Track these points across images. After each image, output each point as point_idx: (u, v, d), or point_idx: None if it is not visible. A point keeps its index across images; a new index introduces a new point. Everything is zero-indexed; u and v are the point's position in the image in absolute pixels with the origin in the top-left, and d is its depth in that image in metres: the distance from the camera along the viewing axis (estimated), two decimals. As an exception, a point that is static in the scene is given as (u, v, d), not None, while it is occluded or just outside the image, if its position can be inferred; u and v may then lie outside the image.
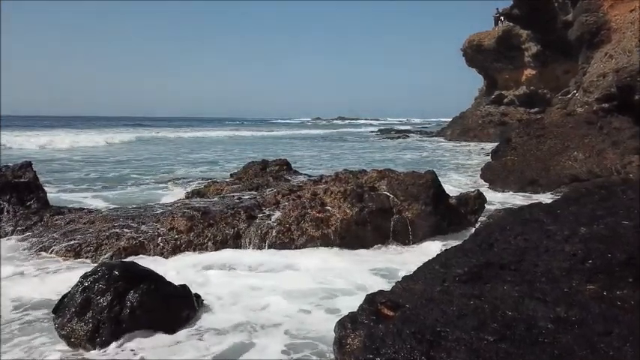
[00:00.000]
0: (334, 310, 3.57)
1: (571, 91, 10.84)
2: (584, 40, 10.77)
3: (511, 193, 9.26)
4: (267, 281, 4.15)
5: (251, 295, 3.88)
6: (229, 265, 4.74)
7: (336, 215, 5.68)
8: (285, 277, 4.29)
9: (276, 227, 5.65)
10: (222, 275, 4.38)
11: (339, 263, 4.68)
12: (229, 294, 3.93)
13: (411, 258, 4.93)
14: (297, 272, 4.41)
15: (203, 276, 4.36)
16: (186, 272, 4.42)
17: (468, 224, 6.27)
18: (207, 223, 5.71)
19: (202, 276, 4.37)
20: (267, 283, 4.11)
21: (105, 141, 26.33)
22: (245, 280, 4.20)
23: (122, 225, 5.96)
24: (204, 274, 4.44)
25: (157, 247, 5.32)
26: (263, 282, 4.13)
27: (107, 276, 3.34)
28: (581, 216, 3.52)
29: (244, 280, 4.20)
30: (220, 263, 4.75)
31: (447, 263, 3.15)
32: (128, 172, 13.39)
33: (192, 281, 4.06)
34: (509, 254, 3.06)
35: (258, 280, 4.21)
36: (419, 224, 5.66)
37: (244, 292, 3.95)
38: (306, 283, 4.10)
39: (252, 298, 3.82)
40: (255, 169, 9.63)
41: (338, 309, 3.55)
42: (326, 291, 3.97)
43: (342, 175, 7.10)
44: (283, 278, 4.23)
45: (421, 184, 5.71)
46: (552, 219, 3.56)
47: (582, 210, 3.70)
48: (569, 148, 9.33)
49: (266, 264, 4.68)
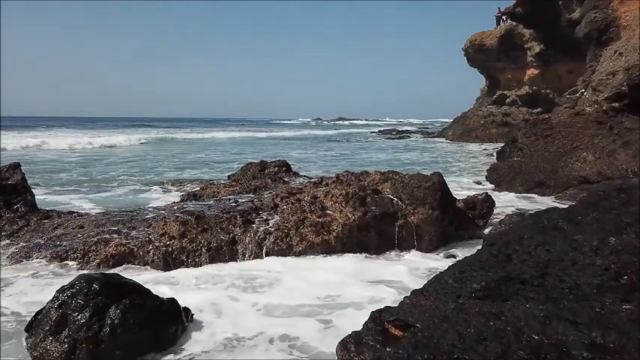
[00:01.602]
0: (335, 327, 3.26)
1: (579, 90, 10.53)
2: (593, 37, 10.47)
3: (517, 195, 8.96)
4: (264, 295, 3.84)
5: (246, 310, 3.58)
6: (223, 276, 4.42)
7: (338, 220, 5.37)
8: (282, 289, 3.98)
9: (273, 233, 5.34)
10: (215, 288, 4.07)
11: (340, 272, 4.37)
12: (222, 308, 3.63)
13: (418, 266, 4.63)
14: (296, 284, 4.10)
15: (194, 288, 4.05)
16: (177, 283, 4.11)
17: (476, 229, 5.97)
18: (201, 229, 5.40)
19: (194, 288, 4.05)
20: (263, 296, 3.80)
21: (103, 142, 25.96)
22: (239, 294, 3.89)
23: (112, 230, 5.66)
24: (195, 285, 4.13)
25: (147, 254, 5.01)
26: (259, 295, 3.83)
27: (86, 290, 3.03)
28: (606, 223, 3.21)
29: (238, 294, 3.89)
30: (213, 274, 4.43)
31: (461, 277, 2.84)
32: (123, 174, 13.08)
33: (183, 294, 3.75)
34: (530, 267, 2.75)
35: (253, 293, 3.90)
36: (425, 229, 5.34)
37: (238, 307, 3.64)
38: (305, 296, 3.79)
39: (246, 314, 3.52)
40: (254, 170, 9.32)
41: (339, 326, 3.24)
42: (326, 305, 3.66)
43: (344, 176, 6.79)
44: (281, 291, 3.92)
45: (427, 187, 5.40)
46: (574, 227, 3.25)
47: (606, 216, 3.39)
48: (578, 148, 9.02)
49: (263, 275, 4.37)
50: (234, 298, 3.84)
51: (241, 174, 9.44)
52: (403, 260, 4.93)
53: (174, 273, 4.61)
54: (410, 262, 4.81)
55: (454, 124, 35.66)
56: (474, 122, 31.30)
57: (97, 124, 66.17)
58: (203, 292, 4.02)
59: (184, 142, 31.34)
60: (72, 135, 32.20)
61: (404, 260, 4.92)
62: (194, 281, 4.30)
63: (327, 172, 12.98)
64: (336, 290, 3.87)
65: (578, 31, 11.18)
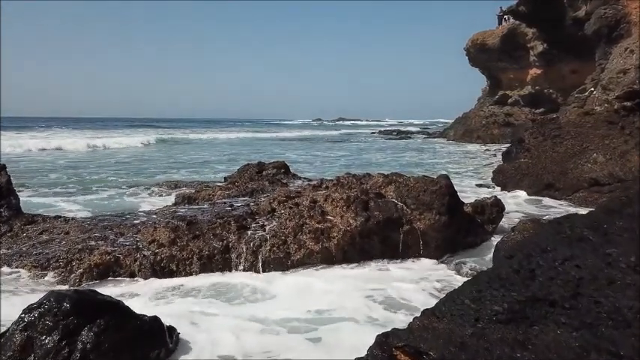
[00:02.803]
0: (336, 351, 2.92)
1: (588, 88, 10.21)
2: (602, 34, 10.14)
3: (525, 199, 8.62)
4: (258, 311, 3.50)
5: (238, 329, 3.23)
6: (214, 290, 4.08)
7: (338, 226, 5.03)
8: (278, 305, 3.64)
9: (270, 240, 5.00)
10: (205, 302, 3.72)
11: (339, 285, 4.02)
12: (213, 327, 3.28)
13: (425, 277, 4.29)
14: (292, 298, 3.76)
15: (183, 301, 3.71)
16: (162, 299, 3.77)
17: (484, 234, 5.63)
18: (192, 235, 5.06)
19: (182, 301, 3.71)
20: (257, 313, 3.46)
21: (102, 144, 25.54)
22: (231, 310, 3.55)
23: (98, 236, 5.33)
24: (184, 298, 3.79)
25: (133, 263, 4.67)
26: (253, 312, 3.49)
27: (55, 310, 2.69)
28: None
29: (230, 310, 3.55)
30: (205, 288, 4.09)
31: (480, 296, 2.51)
32: (118, 176, 12.73)
33: (169, 308, 3.41)
34: (559, 286, 2.41)
35: (246, 309, 3.56)
36: (432, 236, 5.00)
37: (230, 325, 3.30)
38: (302, 312, 3.45)
39: (239, 333, 3.17)
40: (251, 172, 8.97)
41: (340, 349, 2.90)
42: (325, 324, 3.31)
43: (345, 179, 6.45)
44: (276, 307, 3.58)
45: (434, 191, 5.06)
46: (602, 238, 2.91)
47: (634, 226, 3.04)
48: (588, 149, 8.68)
49: (257, 289, 4.03)
50: (226, 314, 3.50)
51: (238, 176, 9.09)
52: (409, 270, 4.58)
53: (162, 284, 4.27)
54: (416, 273, 4.47)
55: (455, 124, 35.31)
56: (475, 122, 30.94)
57: (97, 124, 65.79)
58: (192, 306, 3.68)
59: (182, 142, 30.97)
60: (71, 136, 31.86)
61: (410, 270, 4.57)
62: (183, 293, 3.95)
63: (327, 174, 12.65)
64: (336, 306, 3.52)
65: (587, 28, 10.84)
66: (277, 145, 29.94)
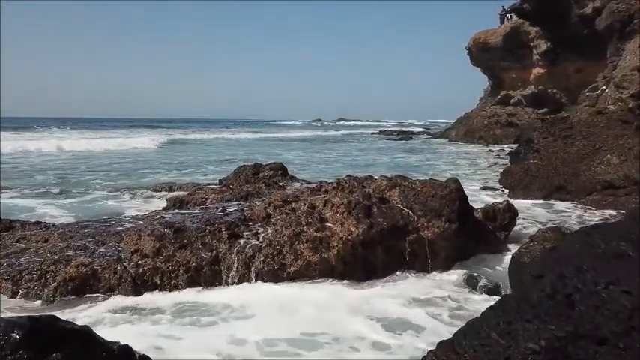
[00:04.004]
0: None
1: (600, 86, 9.80)
2: (615, 29, 9.72)
3: (535, 203, 8.18)
4: (239, 332, 3.07)
5: (217, 352, 2.80)
6: (198, 305, 3.66)
7: (339, 234, 4.60)
8: (264, 325, 3.21)
9: (264, 249, 4.58)
10: (185, 325, 3.30)
11: (336, 302, 3.60)
12: (194, 353, 2.86)
13: (435, 293, 3.86)
14: (280, 317, 3.33)
15: (161, 325, 3.29)
16: (142, 318, 3.34)
17: (497, 243, 5.21)
18: (179, 244, 4.64)
19: (160, 325, 3.29)
20: (237, 333, 3.04)
21: (100, 145, 25.05)
22: (215, 331, 3.13)
23: (78, 245, 4.90)
24: (161, 323, 3.36)
25: (113, 276, 4.24)
26: (233, 332, 3.06)
27: (2, 342, 2.26)
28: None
29: (213, 331, 3.12)
30: (187, 305, 3.66)
31: (509, 329, 2.09)
32: (111, 178, 12.31)
33: (145, 333, 2.99)
34: (606, 318, 1.99)
35: (227, 329, 3.13)
36: (441, 245, 4.58)
37: (213, 351, 2.87)
38: (289, 334, 3.03)
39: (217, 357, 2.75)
40: (247, 174, 8.55)
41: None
42: (315, 349, 2.89)
43: (345, 182, 6.03)
44: (262, 327, 3.15)
45: (444, 196, 4.63)
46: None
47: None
48: (601, 150, 8.26)
49: (243, 305, 3.60)
50: (204, 336, 3.07)
51: (233, 178, 8.67)
52: (416, 284, 4.15)
53: (142, 300, 3.84)
54: (424, 287, 4.04)
55: (457, 124, 34.88)
56: (477, 123, 30.49)
57: (96, 124, 65.37)
58: (172, 328, 3.26)
59: (181, 143, 30.55)
60: (69, 136, 31.45)
61: (417, 284, 4.14)
62: (164, 313, 3.53)
63: (326, 176, 12.23)
64: (335, 330, 3.10)
65: (599, 23, 10.43)
66: (276, 145, 29.52)
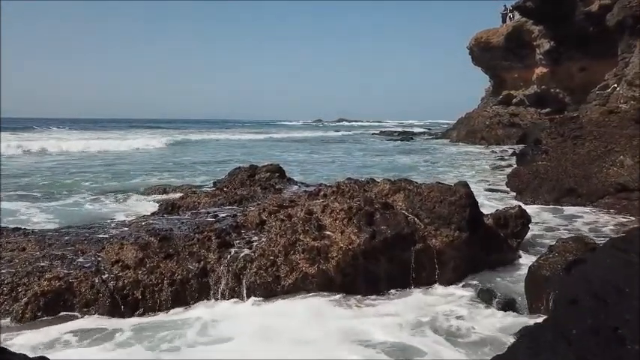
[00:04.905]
0: None
1: (610, 84, 9.44)
2: (626, 25, 9.36)
3: (545, 207, 7.79)
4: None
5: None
6: (177, 326, 3.27)
7: (338, 244, 4.22)
8: (241, 353, 2.82)
9: (256, 260, 4.19)
10: (164, 350, 2.91)
11: (331, 324, 3.21)
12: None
13: (445, 312, 3.47)
14: (264, 344, 2.95)
15: (131, 347, 2.90)
16: (103, 345, 2.95)
17: (509, 252, 4.82)
18: (164, 254, 4.25)
19: (130, 347, 2.90)
20: None
21: (97, 145, 24.60)
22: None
23: (55, 255, 4.50)
24: (125, 347, 2.97)
25: (89, 291, 3.85)
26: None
27: None
28: None
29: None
30: (164, 325, 3.27)
31: (548, 373, 1.71)
32: (104, 179, 11.92)
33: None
34: (670, 361, 1.62)
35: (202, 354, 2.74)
36: (450, 256, 4.19)
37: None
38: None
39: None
40: (242, 176, 8.17)
41: None
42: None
43: (345, 186, 5.64)
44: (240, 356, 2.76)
45: (453, 202, 4.24)
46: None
47: None
48: (614, 151, 7.87)
49: (222, 329, 3.21)
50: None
51: (228, 181, 8.30)
52: (423, 300, 3.77)
53: (114, 321, 3.45)
54: (433, 304, 3.66)
55: (458, 125, 34.47)
56: (478, 123, 30.09)
57: (96, 125, 64.94)
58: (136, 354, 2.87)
59: (181, 143, 30.10)
60: (68, 137, 31.04)
61: (424, 300, 3.76)
62: (138, 335, 3.14)
63: (326, 178, 11.85)
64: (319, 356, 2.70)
65: (609, 19, 10.05)
66: (275, 146, 29.13)
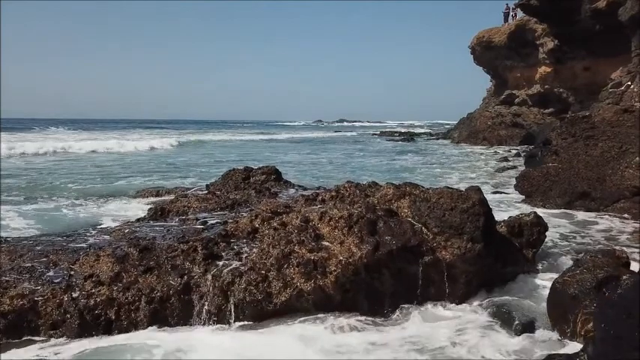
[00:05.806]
0: None
1: (624, 82, 9.02)
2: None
3: (551, 211, 7.33)
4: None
5: None
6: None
7: (337, 256, 3.78)
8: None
9: (246, 274, 3.75)
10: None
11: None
12: None
13: (460, 338, 3.03)
14: None
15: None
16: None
17: (524, 263, 4.38)
18: (144, 267, 3.82)
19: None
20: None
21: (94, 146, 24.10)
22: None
23: (25, 267, 4.07)
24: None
25: (56, 311, 3.42)
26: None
27: None
28: None
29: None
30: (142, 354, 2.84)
31: None
32: (95, 182, 11.48)
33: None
34: None
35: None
36: (462, 270, 3.75)
37: None
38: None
39: None
40: (236, 178, 7.73)
41: None
42: None
43: (345, 190, 5.22)
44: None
45: (465, 210, 3.81)
46: None
47: None
48: (629, 152, 7.45)
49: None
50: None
51: (222, 183, 7.86)
52: (432, 322, 3.33)
53: (84, 347, 3.02)
54: (444, 327, 3.22)
55: (459, 125, 34.04)
56: (480, 123, 29.65)
57: (95, 125, 64.48)
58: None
59: (180, 144, 29.60)
60: (67, 137, 30.60)
61: (433, 322, 3.32)
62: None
63: (324, 180, 11.43)
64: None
65: (622, 14, 9.62)
66: (274, 146, 28.68)
